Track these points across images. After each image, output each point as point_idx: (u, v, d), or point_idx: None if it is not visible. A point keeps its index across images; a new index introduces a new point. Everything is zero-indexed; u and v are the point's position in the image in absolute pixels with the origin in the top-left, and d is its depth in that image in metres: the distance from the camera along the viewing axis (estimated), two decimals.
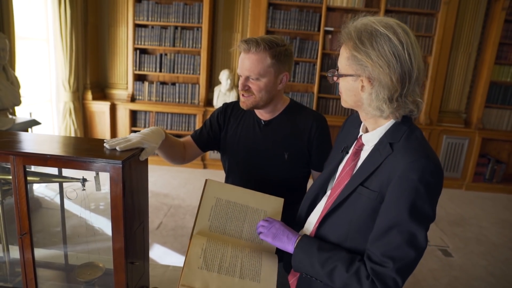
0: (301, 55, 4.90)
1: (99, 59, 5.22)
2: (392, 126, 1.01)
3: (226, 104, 1.63)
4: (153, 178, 4.51)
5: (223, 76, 4.84)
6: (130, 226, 1.11)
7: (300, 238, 1.07)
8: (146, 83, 5.13)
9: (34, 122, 3.40)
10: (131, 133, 4.77)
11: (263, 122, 1.52)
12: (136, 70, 5.07)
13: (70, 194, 1.24)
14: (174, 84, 5.15)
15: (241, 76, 1.42)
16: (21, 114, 3.71)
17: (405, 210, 0.90)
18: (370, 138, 1.05)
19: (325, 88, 4.96)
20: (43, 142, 1.18)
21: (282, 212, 1.26)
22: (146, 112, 5.17)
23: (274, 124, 1.50)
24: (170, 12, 4.86)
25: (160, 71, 5.07)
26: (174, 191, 4.28)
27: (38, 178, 1.21)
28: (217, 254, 1.11)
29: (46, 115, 4.74)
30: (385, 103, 0.95)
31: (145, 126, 5.21)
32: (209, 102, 5.17)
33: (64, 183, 1.26)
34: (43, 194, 3.64)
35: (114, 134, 5.22)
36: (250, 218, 1.22)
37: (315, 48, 4.87)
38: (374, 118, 1.03)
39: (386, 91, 0.94)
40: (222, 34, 5.05)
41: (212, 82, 5.21)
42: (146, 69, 5.08)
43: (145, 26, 4.96)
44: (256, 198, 1.26)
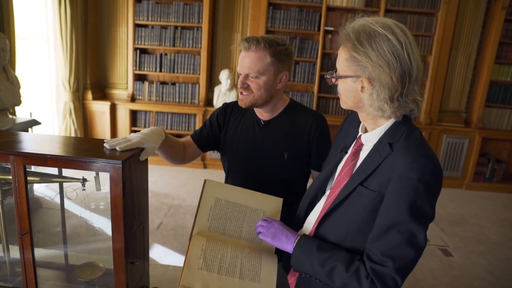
0: (301, 55, 4.90)
1: (99, 59, 5.22)
2: (391, 126, 1.01)
3: (226, 104, 1.63)
4: (153, 178, 4.51)
5: (223, 76, 4.84)
6: (130, 226, 1.11)
7: (299, 238, 1.07)
8: (146, 83, 5.13)
9: (34, 122, 3.40)
10: (131, 133, 4.77)
11: (263, 122, 1.52)
12: (136, 70, 5.07)
13: (70, 194, 1.25)
14: (174, 84, 5.15)
15: (240, 74, 1.42)
16: (21, 114, 3.72)
17: (405, 210, 0.91)
18: (370, 138, 1.05)
19: (325, 88, 4.96)
20: (43, 142, 1.18)
21: (282, 212, 1.26)
22: (146, 112, 5.17)
23: (274, 124, 1.50)
24: (170, 12, 4.86)
25: (160, 71, 5.08)
26: (174, 191, 4.29)
27: (38, 178, 1.21)
28: (216, 254, 1.11)
29: (46, 115, 4.75)
30: (386, 103, 0.95)
31: (145, 126, 5.21)
32: (209, 102, 5.17)
33: (64, 183, 1.26)
34: (43, 194, 3.65)
35: (114, 134, 5.23)
36: (250, 218, 1.22)
37: (315, 48, 4.87)
38: (373, 119, 1.03)
39: (386, 91, 0.94)
40: (222, 34, 5.05)
41: (212, 82, 5.21)
42: (146, 69, 5.08)
43: (145, 26, 4.96)
44: (255, 198, 1.26)
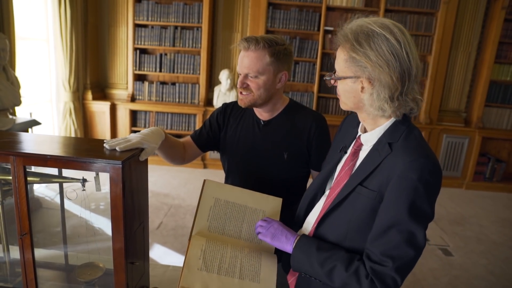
0: (301, 55, 4.90)
1: (99, 59, 5.23)
2: (390, 126, 1.01)
3: (225, 104, 1.63)
4: (153, 178, 4.51)
5: (223, 76, 4.84)
6: (130, 226, 1.11)
7: (298, 238, 1.08)
8: (146, 83, 5.13)
9: (34, 122, 3.41)
10: (131, 133, 4.77)
11: (263, 122, 1.52)
12: (136, 70, 5.07)
13: (70, 194, 1.25)
14: (174, 84, 5.15)
15: (240, 74, 1.42)
16: (21, 114, 3.72)
17: (404, 210, 0.91)
18: (369, 138, 1.05)
19: (325, 87, 4.96)
20: (43, 143, 1.19)
21: (281, 211, 1.26)
22: (146, 112, 5.17)
23: (274, 124, 1.50)
24: (170, 12, 4.86)
25: (160, 71, 5.08)
26: (174, 191, 4.29)
27: (38, 179, 1.21)
28: (216, 255, 1.11)
29: (46, 115, 4.75)
30: (386, 103, 0.95)
31: (145, 126, 5.21)
32: (209, 102, 5.17)
33: (64, 184, 1.26)
34: (43, 194, 3.65)
35: (114, 134, 5.23)
36: (249, 218, 1.22)
37: (315, 47, 4.87)
38: (373, 119, 1.03)
39: (387, 91, 0.94)
40: (222, 34, 5.05)
41: (212, 82, 5.21)
42: (146, 69, 5.08)
43: (145, 26, 4.96)
44: (254, 198, 1.26)
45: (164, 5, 4.85)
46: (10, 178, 1.07)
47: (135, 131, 3.70)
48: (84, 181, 1.18)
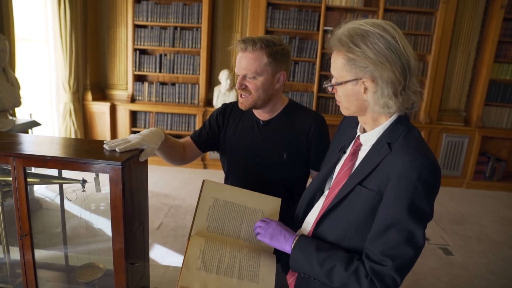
0: (300, 55, 4.90)
1: (99, 60, 5.23)
2: (390, 126, 1.01)
3: (225, 104, 1.63)
4: (153, 179, 4.51)
5: (223, 76, 4.84)
6: (130, 226, 1.11)
7: (297, 238, 1.08)
8: (146, 84, 5.14)
9: (34, 123, 3.41)
10: (131, 133, 4.78)
11: (262, 122, 1.52)
12: (135, 70, 5.07)
13: (70, 195, 1.25)
14: (174, 84, 5.16)
15: (238, 75, 1.42)
16: (21, 115, 3.72)
17: (403, 209, 0.91)
18: (368, 138, 1.05)
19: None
20: (43, 144, 1.19)
21: (281, 212, 1.26)
22: (146, 112, 5.18)
23: (273, 124, 1.51)
24: (170, 12, 4.86)
25: (159, 72, 5.08)
26: (175, 191, 4.29)
27: (38, 180, 1.21)
28: (215, 255, 1.11)
29: (46, 116, 4.75)
30: (391, 99, 0.96)
31: (145, 127, 5.21)
32: (209, 102, 5.17)
33: (64, 184, 1.27)
34: (44, 195, 3.65)
35: (114, 135, 5.23)
36: (248, 218, 1.22)
37: (315, 47, 4.87)
38: (374, 121, 1.03)
39: (390, 87, 0.95)
40: (222, 34, 5.06)
41: (211, 82, 5.22)
42: (145, 69, 5.08)
43: (144, 27, 4.96)
44: (253, 198, 1.26)
45: (163, 5, 4.86)
46: (10, 179, 1.07)
47: (135, 132, 3.71)
48: (84, 182, 1.18)
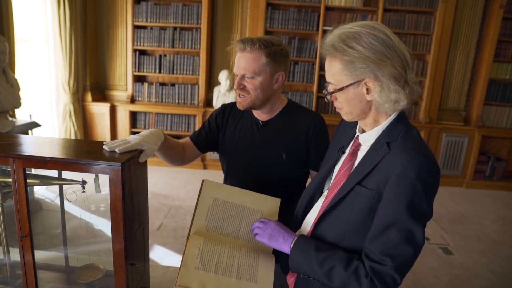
0: (300, 55, 4.90)
1: (99, 61, 5.23)
2: (388, 125, 1.01)
3: (224, 105, 1.63)
4: (153, 179, 4.51)
5: (222, 76, 4.84)
6: (130, 227, 1.11)
7: (296, 238, 1.08)
8: (146, 84, 5.14)
9: (34, 124, 3.41)
10: (131, 134, 4.77)
11: (261, 123, 1.52)
12: (135, 71, 5.08)
13: (70, 196, 1.25)
14: (173, 85, 5.16)
15: (237, 75, 1.43)
16: (21, 116, 3.72)
17: (403, 208, 0.91)
18: (367, 138, 1.05)
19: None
20: (43, 145, 1.19)
21: (280, 212, 1.26)
22: (145, 113, 5.18)
23: (272, 124, 1.51)
24: (169, 13, 4.86)
25: (159, 72, 5.08)
26: (175, 192, 4.29)
27: (38, 181, 1.21)
28: (214, 254, 1.11)
29: (46, 117, 4.75)
30: (399, 93, 0.96)
31: (145, 127, 5.21)
32: (208, 102, 5.18)
33: (64, 185, 1.27)
34: (44, 196, 3.65)
35: (114, 136, 5.23)
36: (247, 218, 1.22)
37: (314, 47, 4.87)
38: (374, 120, 1.03)
39: (394, 82, 0.95)
40: (221, 34, 5.06)
41: (211, 82, 5.22)
42: (145, 70, 5.08)
43: (144, 27, 4.96)
44: (253, 198, 1.26)
45: (163, 6, 4.86)
46: (10, 180, 1.08)
47: (135, 133, 3.70)
48: (84, 183, 1.18)
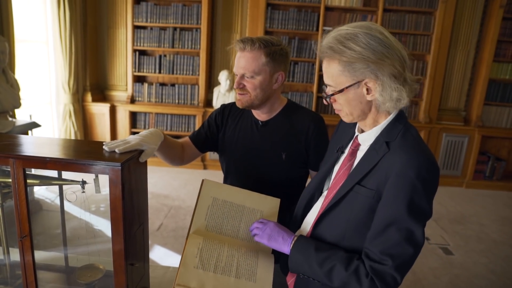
0: (300, 55, 4.90)
1: (99, 61, 5.23)
2: (388, 125, 1.01)
3: (224, 105, 1.63)
4: (153, 179, 4.51)
5: (222, 76, 4.84)
6: (130, 227, 1.11)
7: (296, 238, 1.08)
8: (146, 85, 5.14)
9: (34, 125, 3.41)
10: (131, 134, 4.77)
11: (261, 123, 1.52)
12: (135, 71, 5.08)
13: (69, 196, 1.25)
14: (173, 85, 5.16)
15: (237, 74, 1.43)
16: (21, 116, 3.72)
17: (403, 207, 0.91)
18: (366, 138, 1.05)
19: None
20: (43, 145, 1.19)
21: (280, 212, 1.26)
22: (145, 113, 5.18)
23: (272, 124, 1.51)
24: (169, 13, 4.87)
25: (159, 72, 5.08)
26: (175, 192, 4.29)
27: (38, 181, 1.21)
28: (213, 253, 1.11)
29: (46, 118, 4.75)
30: (400, 91, 0.96)
31: (145, 128, 5.21)
32: (208, 102, 5.18)
33: (64, 186, 1.27)
34: (44, 196, 3.65)
35: (114, 136, 5.23)
36: (247, 218, 1.23)
37: (314, 47, 4.87)
38: (374, 120, 1.03)
39: (394, 80, 0.95)
40: (221, 34, 5.06)
41: (211, 82, 5.22)
42: (145, 70, 5.09)
43: (144, 28, 4.96)
44: (252, 198, 1.27)
45: (163, 6, 4.86)
46: (10, 180, 1.07)
47: (135, 133, 3.71)
48: (83, 183, 1.18)
